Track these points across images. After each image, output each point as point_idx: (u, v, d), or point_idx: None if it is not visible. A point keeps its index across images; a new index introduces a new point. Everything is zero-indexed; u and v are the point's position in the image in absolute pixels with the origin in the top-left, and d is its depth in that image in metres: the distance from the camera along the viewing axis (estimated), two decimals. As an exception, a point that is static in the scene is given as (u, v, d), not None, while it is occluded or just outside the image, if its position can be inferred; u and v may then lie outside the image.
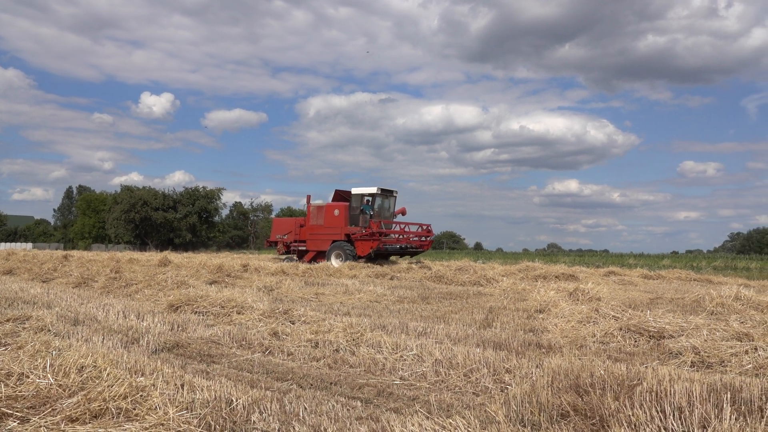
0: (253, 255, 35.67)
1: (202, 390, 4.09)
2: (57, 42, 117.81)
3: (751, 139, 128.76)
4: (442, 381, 4.97)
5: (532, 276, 17.92)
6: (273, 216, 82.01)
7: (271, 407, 3.98)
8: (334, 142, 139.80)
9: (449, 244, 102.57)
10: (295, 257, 24.09)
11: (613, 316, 7.99)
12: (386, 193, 23.49)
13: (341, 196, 24.49)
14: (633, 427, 3.34)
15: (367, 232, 21.53)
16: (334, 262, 21.73)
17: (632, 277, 19.11)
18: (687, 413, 3.53)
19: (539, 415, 3.58)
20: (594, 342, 6.83)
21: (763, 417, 3.62)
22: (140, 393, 3.72)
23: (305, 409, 4.02)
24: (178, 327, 7.32)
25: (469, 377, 5.00)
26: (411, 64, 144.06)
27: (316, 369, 5.45)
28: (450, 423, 3.38)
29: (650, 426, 3.36)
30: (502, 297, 11.88)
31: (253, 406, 3.96)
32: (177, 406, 3.62)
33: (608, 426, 3.36)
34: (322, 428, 3.60)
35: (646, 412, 3.53)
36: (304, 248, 23.94)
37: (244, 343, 6.51)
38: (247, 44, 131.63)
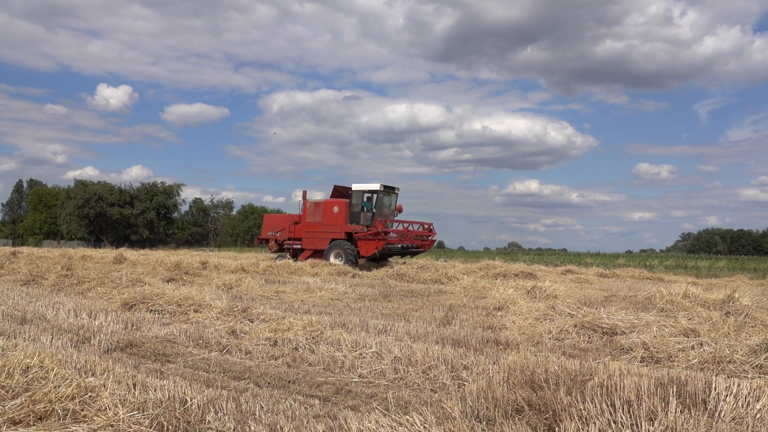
0: (213, 252, 35.05)
1: (155, 390, 3.99)
2: (8, 30, 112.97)
3: (702, 143, 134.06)
4: (401, 378, 4.99)
5: (492, 274, 18.19)
6: (234, 212, 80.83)
7: (226, 406, 3.92)
8: (298, 138, 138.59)
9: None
10: (288, 256, 22.65)
11: (568, 313, 8.19)
12: (388, 190, 22.08)
13: (340, 192, 23.04)
14: (584, 420, 3.43)
15: (371, 231, 20.13)
16: (333, 262, 20.22)
17: (588, 275, 19.63)
18: (635, 407, 3.64)
19: (494, 410, 3.64)
20: (550, 338, 6.98)
21: (706, 409, 3.77)
22: (89, 394, 3.60)
23: (262, 408, 3.97)
24: (133, 326, 7.13)
25: (428, 374, 5.04)
26: (376, 62, 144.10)
27: (275, 367, 5.40)
28: (407, 419, 3.40)
29: (600, 419, 3.46)
30: (463, 295, 12.02)
31: (209, 406, 3.89)
32: (128, 407, 3.52)
33: (560, 420, 3.43)
34: (278, 427, 3.57)
35: (596, 406, 3.63)
36: (299, 246, 22.55)
37: (201, 341, 6.39)
38: (209, 37, 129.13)
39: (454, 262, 23.53)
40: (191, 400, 3.91)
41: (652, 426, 3.35)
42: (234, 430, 3.59)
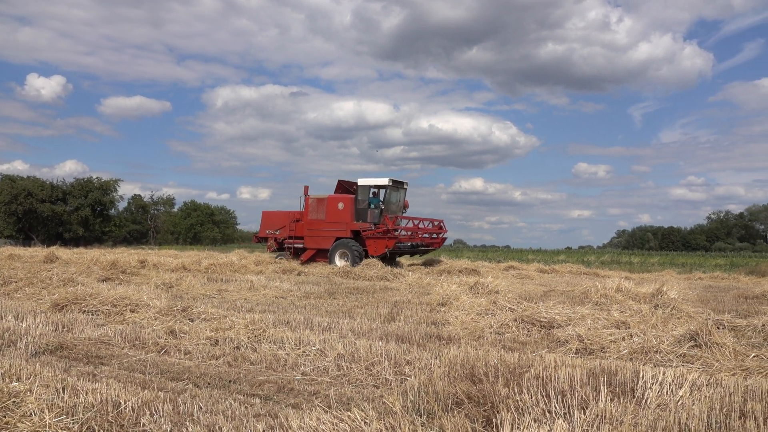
0: (152, 251, 33.86)
1: (86, 393, 3.83)
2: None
3: (636, 144, 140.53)
4: (344, 375, 4.99)
5: (437, 271, 18.45)
6: (175, 209, 78.37)
7: (163, 408, 3.81)
8: (243, 134, 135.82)
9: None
10: (289, 255, 21.45)
11: (509, 308, 8.41)
12: (397, 185, 20.61)
13: (344, 187, 21.58)
14: (520, 411, 3.54)
15: (380, 229, 18.84)
16: (338, 262, 19.24)
17: (529, 271, 20.23)
18: (569, 396, 3.79)
19: (435, 404, 3.70)
20: (491, 333, 7.15)
21: (634, 397, 3.96)
22: (12, 399, 3.41)
23: (200, 408, 3.88)
24: (63, 327, 6.80)
25: (371, 370, 5.06)
26: (323, 58, 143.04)
27: (215, 367, 5.28)
28: (348, 416, 3.41)
29: (535, 410, 3.58)
30: (408, 291, 12.13)
31: (144, 408, 3.76)
32: (56, 412, 3.36)
33: (498, 411, 3.53)
34: (217, 427, 3.49)
35: (532, 397, 3.75)
36: (300, 245, 21.15)
37: (137, 342, 6.17)
38: (149, 28, 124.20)
39: (400, 259, 23.71)
40: (125, 403, 3.77)
41: (584, 414, 3.49)
42: (170, 432, 3.49)
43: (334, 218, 20.17)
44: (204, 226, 75.59)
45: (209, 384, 4.71)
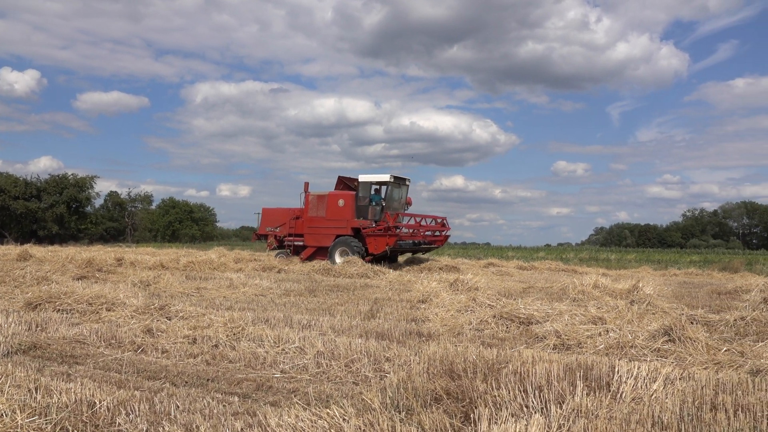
0: (130, 248, 33.37)
1: (60, 393, 3.77)
2: None
3: (614, 142, 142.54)
4: (323, 372, 4.98)
5: (417, 268, 18.50)
6: (153, 207, 77.36)
7: (139, 408, 3.76)
8: (223, 131, 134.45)
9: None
10: (289, 252, 20.82)
11: (488, 304, 8.48)
12: (399, 182, 19.94)
13: (345, 184, 20.94)
14: (497, 406, 3.57)
15: (381, 227, 18.14)
16: (339, 260, 18.51)
17: (509, 268, 20.39)
18: (546, 391, 3.83)
19: (414, 400, 3.71)
20: (470, 329, 7.19)
21: (610, 391, 4.03)
22: (-17, 400, 3.34)
23: (177, 407, 3.84)
24: (37, 326, 6.67)
25: (350, 367, 5.06)
26: (304, 55, 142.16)
27: (193, 366, 5.23)
28: (327, 413, 3.40)
29: (513, 404, 3.61)
30: (388, 289, 12.15)
31: (119, 408, 3.72)
32: (28, 412, 3.30)
33: (476, 407, 3.55)
34: (194, 426, 3.46)
35: (510, 392, 3.79)
36: (300, 243, 20.60)
37: (113, 341, 6.08)
38: (127, 22, 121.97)
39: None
40: (100, 403, 3.72)
41: (561, 408, 3.53)
42: (147, 431, 3.45)
43: (335, 215, 19.60)
44: (183, 224, 74.68)
45: (187, 383, 4.66)
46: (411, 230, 19.33)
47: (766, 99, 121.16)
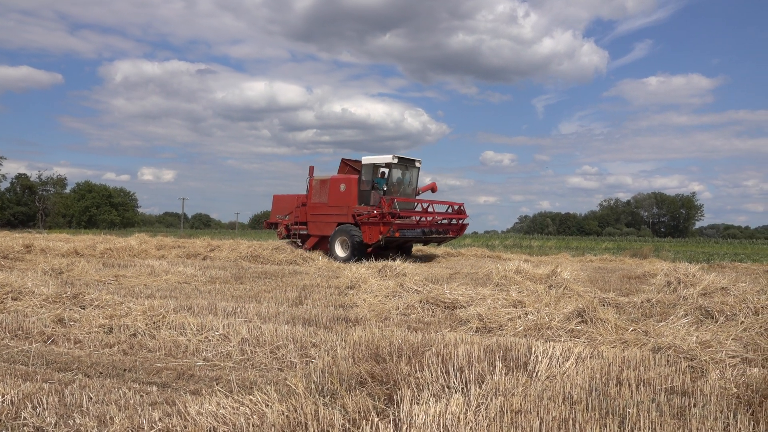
0: (41, 235, 31.27)
1: (-44, 388, 3.49)
2: None
3: (538, 134, 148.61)
4: (248, 359, 4.91)
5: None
6: (68, 191, 72.83)
7: (47, 400, 3.56)
8: (145, 112, 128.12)
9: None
10: (299, 242, 19.01)
11: (415, 290, 8.63)
12: (405, 163, 17.79)
13: (351, 167, 19.10)
14: (420, 387, 3.66)
15: (374, 214, 16.14)
16: (339, 251, 17.00)
17: (436, 254, 20.83)
18: (467, 372, 3.96)
19: (338, 384, 3.73)
20: (397, 314, 7.30)
21: (527, 370, 4.22)
22: None
23: (90, 399, 3.66)
24: (-69, 318, 6.14)
25: (276, 354, 5.01)
26: (233, 36, 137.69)
27: (109, 356, 5.00)
28: (249, 399, 3.36)
29: (435, 385, 3.71)
30: (317, 275, 12.10)
31: (25, 401, 3.50)
32: None
33: (399, 389, 3.62)
34: (108, 418, 3.32)
35: (432, 374, 3.88)
36: (305, 232, 18.81)
37: (20, 332, 5.70)
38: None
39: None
40: (3, 397, 3.49)
41: (480, 388, 3.67)
42: (56, 425, 3.27)
43: (336, 201, 17.72)
44: (100, 209, 70.88)
45: (101, 373, 4.46)
46: (417, 218, 17.19)
47: (676, 97, 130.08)
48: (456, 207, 18.22)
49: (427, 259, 18.67)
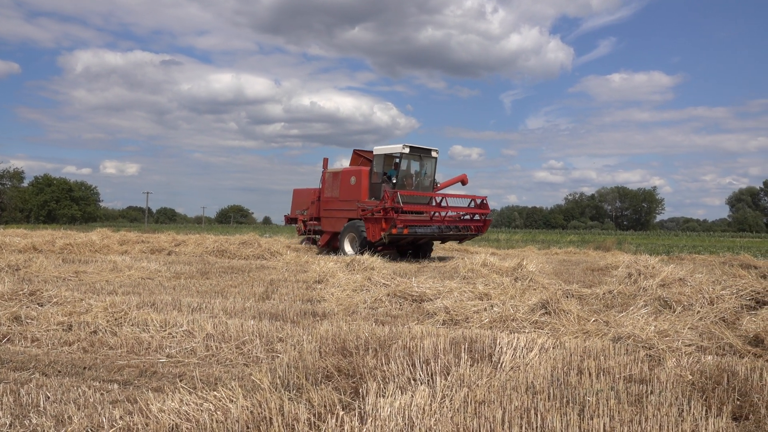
0: (-3, 230, 30.16)
1: None
2: None
3: (506, 129, 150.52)
4: (213, 355, 4.84)
5: (316, 249, 18.44)
6: (25, 184, 70.44)
7: (2, 401, 3.45)
8: (108, 103, 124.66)
9: (237, 218, 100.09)
10: (317, 239, 18.05)
11: (383, 283, 8.66)
12: (418, 153, 16.32)
13: (364, 158, 17.71)
14: (386, 380, 3.67)
15: (377, 208, 14.78)
16: (348, 249, 15.78)
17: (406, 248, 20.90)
18: (433, 364, 4.00)
19: (304, 378, 3.72)
20: (365, 308, 7.31)
21: (491, 361, 4.28)
22: None
23: (48, 398, 3.56)
24: None
25: (242, 349, 4.96)
26: (199, 26, 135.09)
27: (68, 354, 4.87)
28: (214, 395, 3.31)
29: (401, 377, 3.73)
30: (285, 270, 12.02)
31: (-23, 402, 3.38)
32: None
33: (365, 382, 3.63)
34: (66, 417, 3.23)
35: (399, 366, 3.91)
36: (320, 228, 17.75)
37: (-27, 331, 5.49)
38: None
39: (278, 238, 23.36)
40: (-46, 398, 3.36)
41: (446, 380, 3.70)
42: (11, 425, 3.17)
43: (347, 195, 16.46)
44: (60, 203, 68.79)
45: (60, 372, 4.33)
46: (431, 214, 15.72)
47: (639, 94, 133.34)
48: (479, 201, 16.62)
49: (395, 253, 18.71)
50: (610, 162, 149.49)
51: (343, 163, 18.88)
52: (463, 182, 18.02)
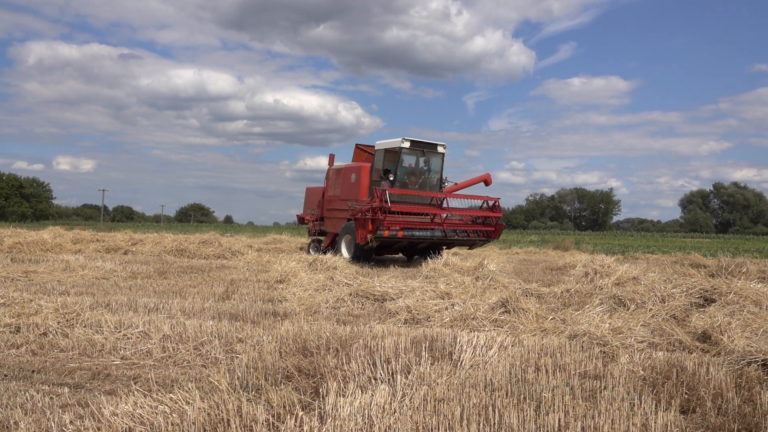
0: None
1: None
2: None
3: (469, 130, 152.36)
4: (170, 357, 4.73)
5: (278, 249, 18.26)
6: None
7: (-58, 407, 3.28)
8: (62, 97, 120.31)
9: (197, 217, 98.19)
10: (321, 239, 16.79)
11: (346, 283, 8.64)
12: (421, 148, 14.65)
13: (367, 153, 16.32)
14: (346, 379, 3.66)
15: (365, 209, 13.25)
16: (345, 252, 14.51)
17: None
18: (394, 362, 4.01)
19: (264, 379, 3.67)
20: (327, 307, 7.28)
21: (452, 360, 4.32)
22: None
23: (-8, 403, 3.41)
24: None
25: (200, 350, 4.86)
26: (160, 20, 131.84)
27: (15, 357, 4.67)
28: (170, 397, 3.24)
29: (361, 377, 3.73)
30: (246, 269, 11.85)
31: None
32: None
33: (326, 381, 3.61)
34: (12, 422, 3.10)
35: (359, 365, 3.90)
36: (324, 229, 16.50)
37: None
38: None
39: (240, 237, 23.03)
40: None
41: (407, 378, 3.72)
42: (-49, 433, 3.03)
43: (348, 194, 15.08)
44: (9, 200, 66.06)
45: (6, 376, 4.16)
46: (432, 216, 13.79)
47: (597, 98, 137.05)
48: (491, 203, 14.79)
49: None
50: (570, 164, 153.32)
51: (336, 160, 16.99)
52: (487, 182, 16.50)
